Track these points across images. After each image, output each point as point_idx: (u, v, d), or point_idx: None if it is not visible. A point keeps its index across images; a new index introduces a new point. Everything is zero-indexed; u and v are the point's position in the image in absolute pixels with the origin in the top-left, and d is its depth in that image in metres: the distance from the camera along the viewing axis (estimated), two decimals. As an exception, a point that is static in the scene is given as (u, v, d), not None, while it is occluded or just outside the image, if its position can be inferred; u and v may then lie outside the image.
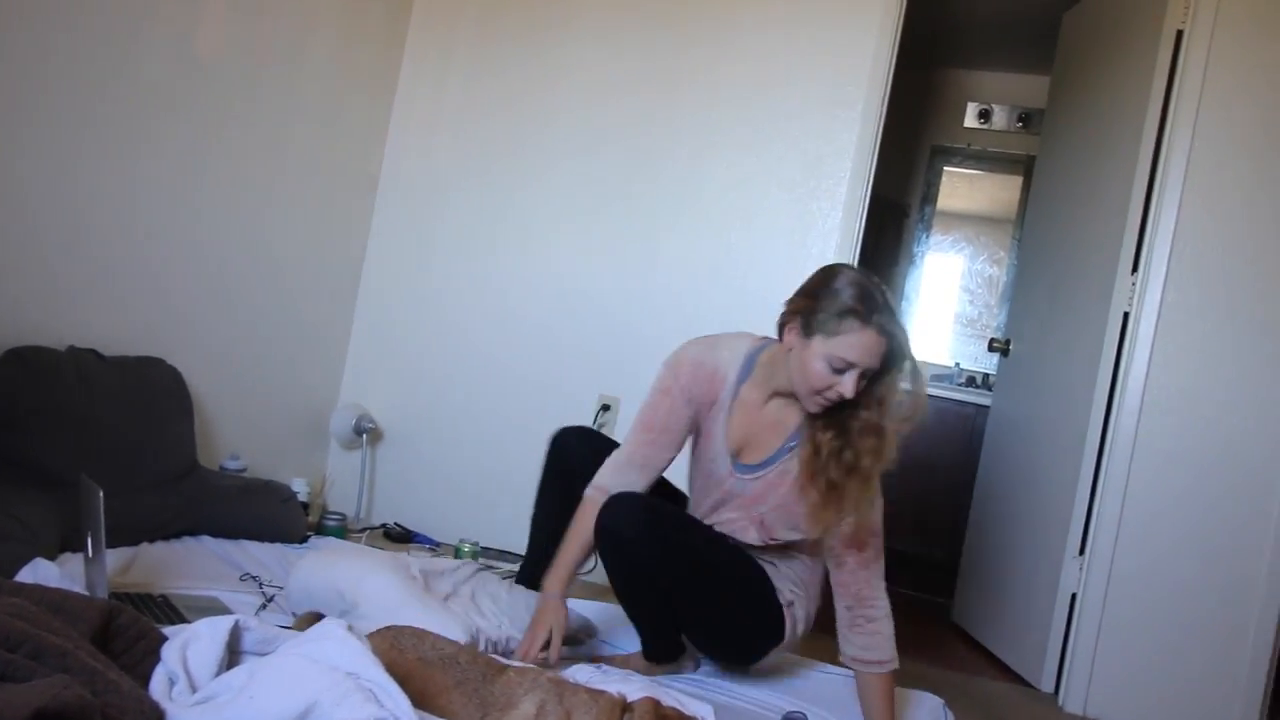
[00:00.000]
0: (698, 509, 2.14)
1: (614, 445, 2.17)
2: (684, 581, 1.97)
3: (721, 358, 2.08)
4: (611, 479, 2.04)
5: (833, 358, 1.84)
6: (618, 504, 1.95)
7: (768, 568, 2.06)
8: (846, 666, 2.02)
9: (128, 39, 2.43)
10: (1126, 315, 2.91)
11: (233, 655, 1.45)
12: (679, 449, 2.11)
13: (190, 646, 1.38)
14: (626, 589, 2.04)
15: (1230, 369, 2.79)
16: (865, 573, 1.95)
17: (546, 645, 1.97)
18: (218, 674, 1.36)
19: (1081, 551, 2.92)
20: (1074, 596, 2.92)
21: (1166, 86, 2.89)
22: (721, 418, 2.05)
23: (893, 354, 1.87)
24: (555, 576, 2.04)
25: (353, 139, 3.33)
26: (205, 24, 2.64)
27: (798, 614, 2.05)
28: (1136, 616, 2.82)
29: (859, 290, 1.86)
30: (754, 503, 2.03)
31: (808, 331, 1.88)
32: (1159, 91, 2.91)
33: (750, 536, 2.03)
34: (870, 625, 1.95)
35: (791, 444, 1.99)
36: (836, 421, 1.91)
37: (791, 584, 2.06)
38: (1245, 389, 2.78)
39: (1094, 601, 2.85)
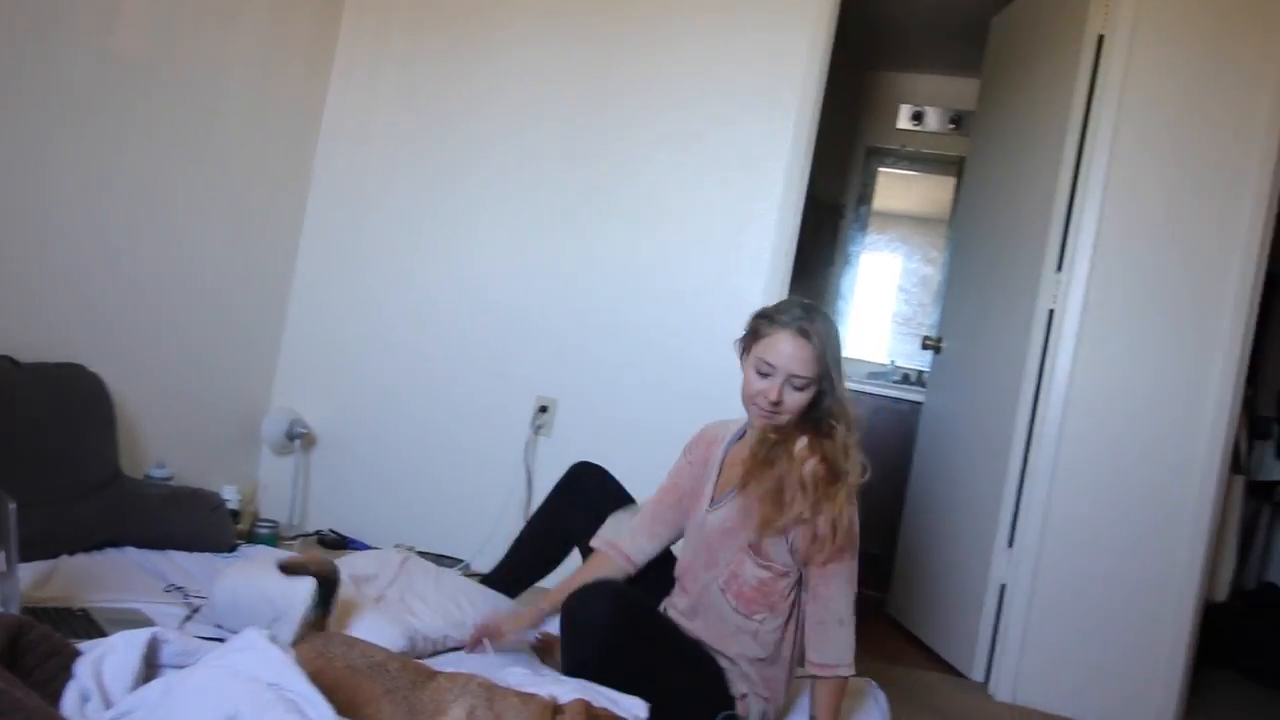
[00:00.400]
0: (689, 582, 2.14)
1: (625, 491, 2.36)
2: (635, 677, 1.92)
3: (724, 427, 2.23)
4: (620, 535, 2.21)
5: (759, 362, 1.96)
6: (590, 592, 1.95)
7: (726, 664, 2.05)
8: (807, 674, 2.04)
9: (41, 31, 2.35)
10: (1052, 312, 2.98)
11: (151, 669, 1.43)
12: (683, 514, 2.20)
13: (105, 661, 1.35)
14: (576, 671, 1.96)
15: (1150, 364, 2.87)
16: (822, 572, 1.97)
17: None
18: (134, 689, 1.33)
19: (1010, 543, 2.98)
20: (1003, 587, 2.98)
21: (1089, 89, 2.97)
22: (711, 475, 2.14)
23: (825, 356, 1.95)
24: (552, 597, 2.14)
25: (284, 138, 3.27)
26: (125, 15, 2.57)
27: (752, 706, 2.05)
28: (1062, 605, 2.89)
29: (783, 302, 2.03)
30: (732, 533, 2.04)
31: (745, 352, 2.02)
32: (1081, 94, 2.98)
33: (752, 574, 2.02)
34: (821, 626, 1.98)
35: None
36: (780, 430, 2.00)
37: (747, 680, 2.05)
38: (1165, 383, 2.86)
39: (1022, 592, 2.91)
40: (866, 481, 1.98)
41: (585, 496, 2.35)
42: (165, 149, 2.79)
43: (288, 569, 1.84)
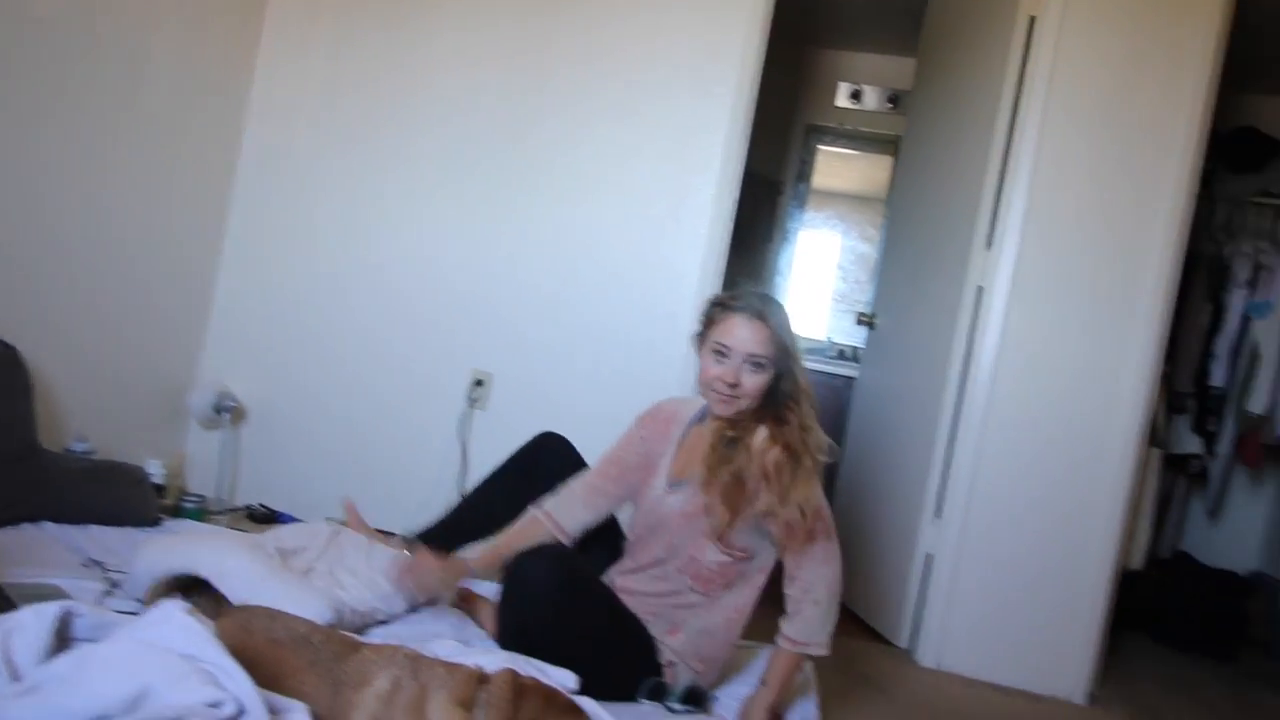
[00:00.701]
0: (642, 554, 2.15)
1: (585, 465, 2.31)
2: (571, 642, 1.95)
3: (685, 406, 2.23)
4: (556, 504, 2.20)
5: (716, 345, 2.00)
6: (534, 556, 1.98)
7: (661, 634, 2.07)
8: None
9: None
10: (981, 289, 3.03)
11: (64, 643, 1.40)
12: (625, 488, 2.21)
13: (14, 636, 1.32)
14: (514, 633, 1.99)
15: (1074, 340, 2.95)
16: (796, 554, 2.01)
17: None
18: (44, 662, 1.30)
19: (938, 514, 3.05)
20: (929, 557, 3.05)
21: (1020, 70, 3.01)
22: (669, 453, 2.15)
23: (781, 337, 1.99)
24: (482, 548, 2.17)
25: (211, 107, 3.18)
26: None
27: (680, 675, 2.08)
28: (986, 574, 2.97)
29: (736, 289, 2.08)
30: (693, 518, 2.05)
31: (701, 341, 2.06)
32: (1013, 75, 3.02)
33: (712, 558, 2.04)
34: (796, 605, 2.03)
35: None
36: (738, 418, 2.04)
37: (681, 655, 2.07)
38: (1087, 359, 2.94)
39: (947, 561, 2.99)
40: (833, 461, 2.03)
41: (545, 467, 2.31)
42: (86, 115, 2.70)
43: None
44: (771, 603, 2.11)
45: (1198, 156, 2.89)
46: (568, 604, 1.94)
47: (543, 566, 1.95)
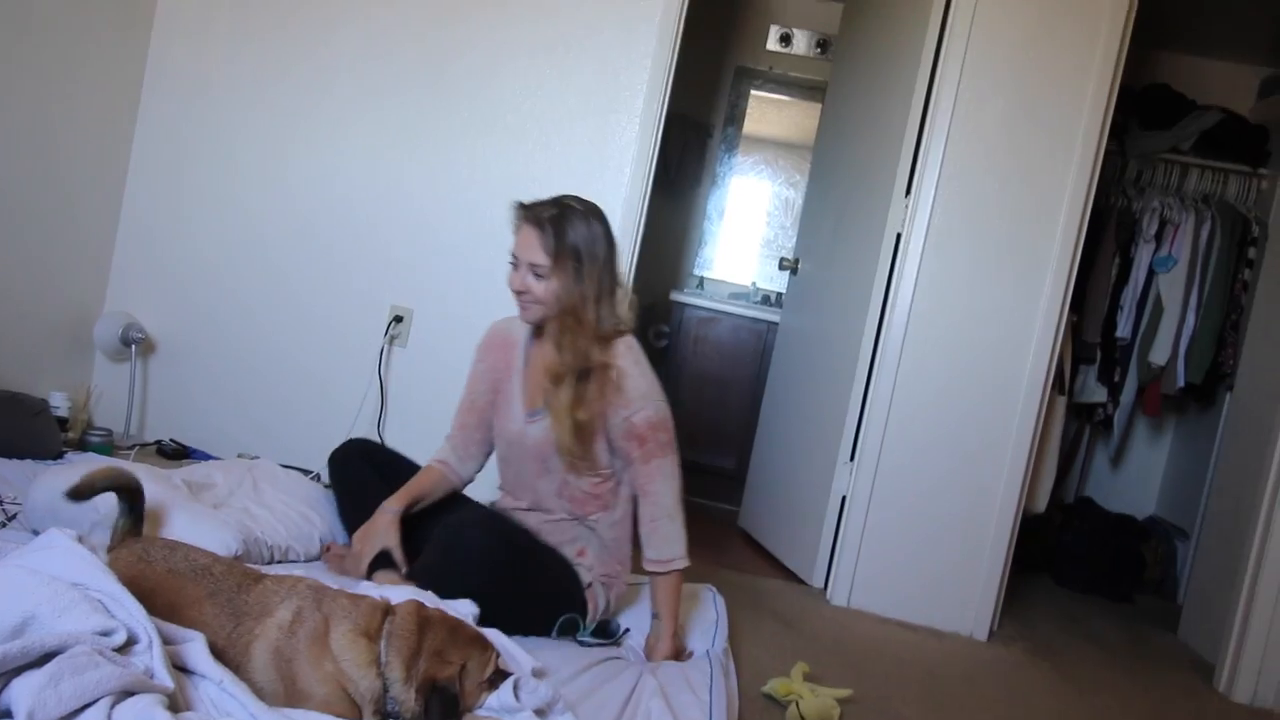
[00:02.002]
0: (520, 492, 2.17)
1: (397, 458, 2.31)
2: (511, 595, 1.96)
3: (513, 324, 2.20)
4: (446, 454, 2.25)
5: (510, 254, 2.07)
6: (465, 527, 1.98)
7: (585, 550, 2.10)
8: (645, 572, 2.10)
9: None
10: (899, 236, 3.08)
11: (-52, 573, 1.35)
12: (488, 426, 2.23)
13: (-109, 563, 1.28)
14: (440, 582, 1.93)
15: (985, 288, 3.02)
16: (646, 467, 2.03)
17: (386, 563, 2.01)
18: (-75, 591, 1.26)
19: (852, 457, 3.12)
20: (844, 499, 3.12)
21: (942, 21, 3.03)
22: (517, 381, 2.15)
23: (557, 245, 1.99)
24: (395, 497, 2.12)
25: (112, 24, 3.03)
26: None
27: (598, 594, 2.11)
28: (896, 516, 3.05)
29: (543, 198, 2.08)
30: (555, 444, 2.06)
31: None
32: (935, 26, 3.04)
33: (584, 480, 2.07)
34: (653, 524, 2.05)
35: None
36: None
37: (593, 570, 2.11)
38: (997, 307, 3.01)
39: (860, 503, 3.06)
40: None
41: (365, 483, 2.25)
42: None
43: (79, 494, 1.64)
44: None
45: (1108, 111, 2.96)
46: (510, 569, 1.96)
47: (481, 536, 1.95)
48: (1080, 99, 2.95)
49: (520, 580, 1.97)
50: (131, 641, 1.25)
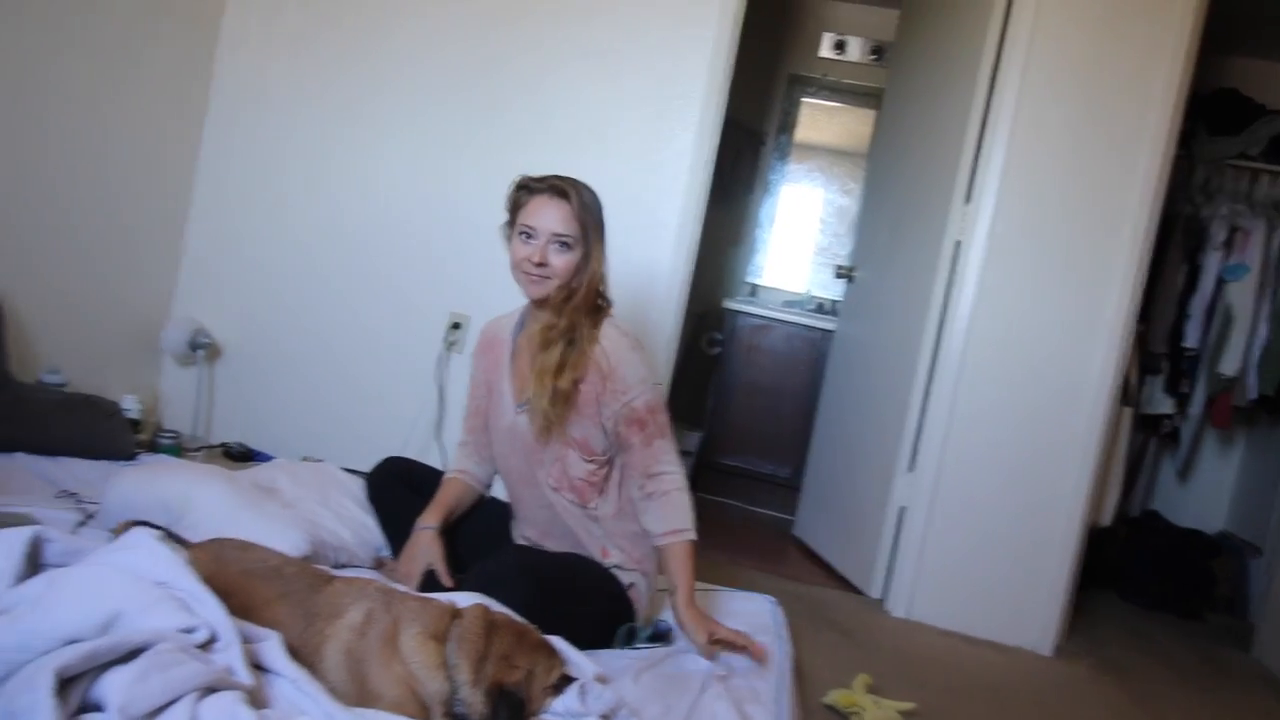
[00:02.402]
0: (519, 486, 2.16)
1: (433, 475, 2.31)
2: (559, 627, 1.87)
3: (503, 321, 2.22)
4: (462, 461, 2.26)
5: (522, 229, 2.01)
6: (499, 570, 1.92)
7: (608, 550, 2.08)
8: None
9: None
10: (959, 244, 3.04)
11: (36, 569, 1.39)
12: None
13: (-15, 558, 1.31)
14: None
15: (1049, 296, 2.96)
16: (649, 450, 2.00)
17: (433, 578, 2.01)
18: (16, 586, 1.30)
19: (911, 467, 3.08)
20: (902, 509, 3.09)
21: (1002, 26, 2.99)
22: (506, 376, 2.14)
23: (584, 215, 2.00)
24: (429, 514, 2.13)
25: (180, 36, 3.11)
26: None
27: (639, 589, 2.10)
28: (957, 528, 3.01)
29: (542, 175, 2.05)
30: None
31: (511, 229, 2.06)
32: (995, 30, 3.00)
33: (579, 468, 2.05)
34: (664, 497, 2.01)
35: None
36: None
37: (626, 566, 2.08)
38: (1062, 316, 2.96)
39: (919, 513, 3.02)
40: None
41: (404, 505, 2.24)
42: (51, 44, 2.63)
43: None
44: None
45: (1176, 117, 2.89)
46: (549, 604, 1.87)
47: (513, 584, 1.86)
48: (1147, 103, 2.89)
49: (567, 618, 1.88)
50: (212, 639, 1.27)
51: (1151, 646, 3.31)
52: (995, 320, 2.98)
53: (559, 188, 2.01)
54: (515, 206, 2.06)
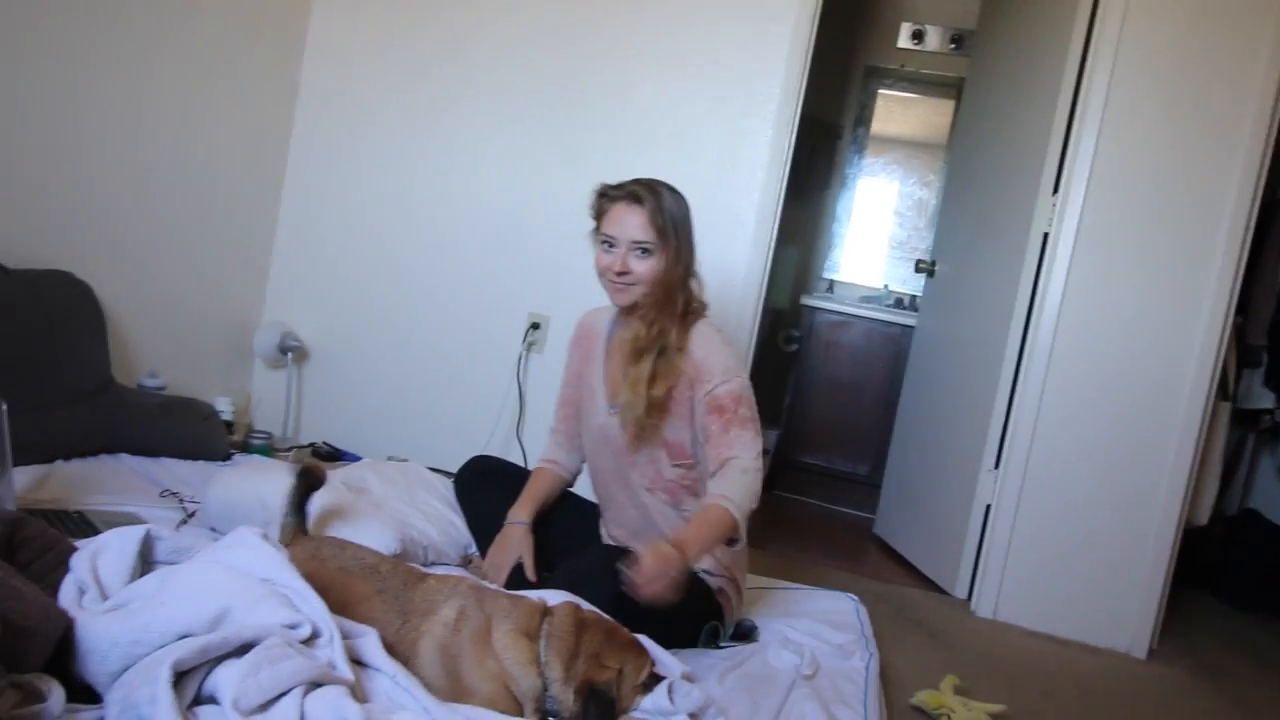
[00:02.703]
0: (610, 485, 2.16)
1: (519, 473, 2.32)
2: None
3: (598, 315, 2.23)
4: (552, 452, 2.29)
5: (602, 238, 2.04)
6: (584, 579, 1.87)
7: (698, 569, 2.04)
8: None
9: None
10: (1046, 236, 2.97)
11: (146, 566, 1.45)
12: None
13: (100, 556, 1.37)
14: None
15: (1142, 289, 2.88)
16: (725, 437, 1.93)
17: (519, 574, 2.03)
18: (129, 582, 1.35)
19: (997, 465, 3.02)
20: (988, 508, 3.02)
21: (1091, 11, 2.91)
22: (598, 372, 2.15)
23: (661, 220, 1.98)
24: (520, 508, 2.15)
25: (268, 45, 3.20)
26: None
27: (730, 596, 2.09)
28: (1045, 526, 2.94)
29: (624, 181, 2.06)
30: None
31: (596, 235, 2.08)
32: (1084, 16, 2.93)
33: (670, 471, 2.05)
34: (724, 469, 1.91)
35: None
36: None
37: (715, 572, 2.04)
38: (1156, 309, 2.87)
39: (1006, 512, 2.96)
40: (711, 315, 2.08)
41: (483, 498, 2.27)
42: (154, 62, 2.73)
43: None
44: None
45: (1277, 100, 2.78)
46: (638, 605, 1.79)
47: (603, 586, 1.80)
48: (1247, 88, 2.78)
49: (653, 617, 1.84)
50: (314, 635, 1.31)
51: (1251, 649, 3.20)
52: (1085, 314, 2.90)
53: (635, 194, 2.01)
54: (597, 215, 2.07)
